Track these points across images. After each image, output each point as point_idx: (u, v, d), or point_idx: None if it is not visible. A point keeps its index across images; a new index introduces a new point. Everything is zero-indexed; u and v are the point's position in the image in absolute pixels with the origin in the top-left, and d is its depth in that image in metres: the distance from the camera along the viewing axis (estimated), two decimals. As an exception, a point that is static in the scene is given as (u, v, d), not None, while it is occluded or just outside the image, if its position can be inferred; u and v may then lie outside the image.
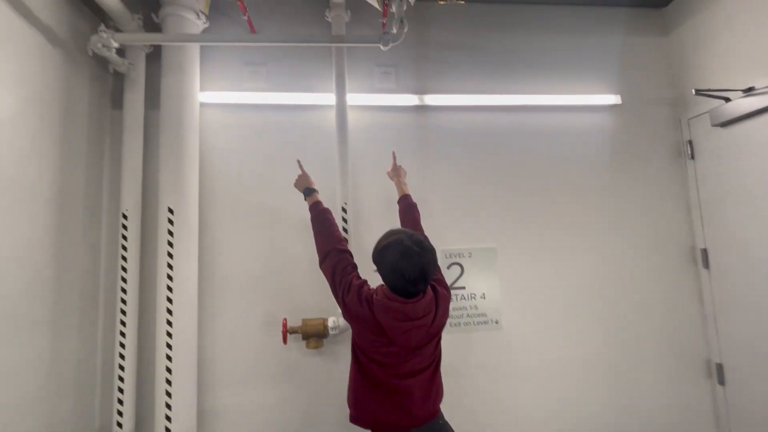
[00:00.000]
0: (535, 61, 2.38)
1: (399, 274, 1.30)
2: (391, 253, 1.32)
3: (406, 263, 1.29)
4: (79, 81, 1.86)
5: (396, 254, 1.30)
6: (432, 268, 1.35)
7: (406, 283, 1.31)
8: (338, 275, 1.46)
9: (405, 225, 1.76)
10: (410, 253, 1.30)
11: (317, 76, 2.21)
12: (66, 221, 1.74)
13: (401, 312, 1.33)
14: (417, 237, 1.35)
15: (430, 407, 1.44)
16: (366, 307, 1.36)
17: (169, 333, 1.79)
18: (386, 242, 1.35)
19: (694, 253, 2.33)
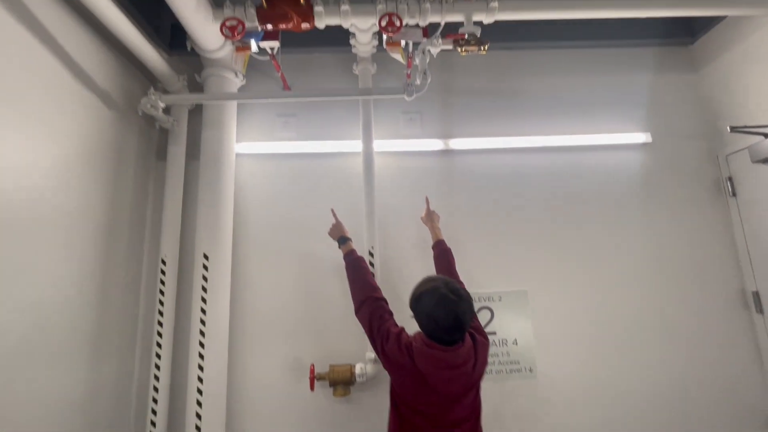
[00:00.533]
0: (561, 102, 2.39)
1: (434, 322, 1.30)
2: (426, 300, 1.32)
3: (442, 311, 1.29)
4: (129, 137, 2.03)
5: (432, 302, 1.30)
6: (468, 317, 1.32)
7: (442, 332, 1.30)
8: (375, 323, 1.46)
9: (440, 271, 1.77)
10: (446, 301, 1.29)
11: (345, 124, 2.31)
12: (110, 265, 1.85)
13: (442, 360, 1.31)
14: (453, 285, 1.34)
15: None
16: (406, 355, 1.34)
17: (200, 378, 1.83)
18: (422, 289, 1.35)
19: (745, 296, 2.17)
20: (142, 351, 2.02)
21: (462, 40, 1.85)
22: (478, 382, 1.43)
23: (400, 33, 1.87)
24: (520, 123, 2.35)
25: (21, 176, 1.43)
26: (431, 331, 1.32)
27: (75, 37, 1.70)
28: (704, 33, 2.39)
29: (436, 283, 1.35)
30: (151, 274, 2.09)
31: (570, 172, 2.30)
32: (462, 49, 1.86)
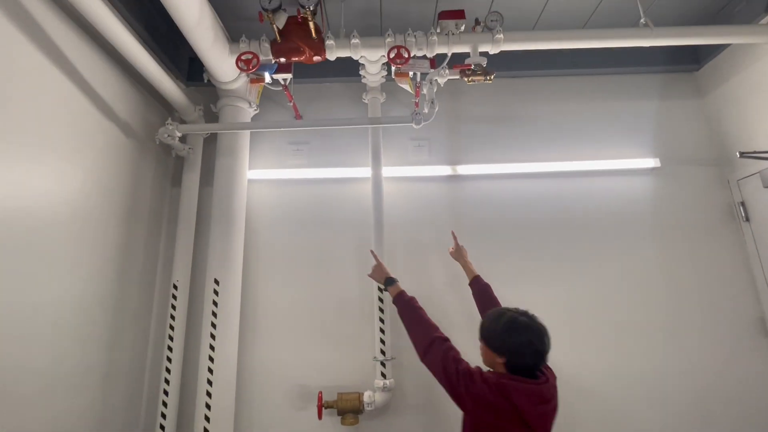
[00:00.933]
0: (568, 129, 2.42)
1: (532, 353, 1.25)
2: (522, 331, 1.26)
3: (540, 341, 1.26)
4: (146, 164, 2.10)
5: (529, 333, 1.26)
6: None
7: (533, 364, 1.26)
8: (451, 366, 1.33)
9: (486, 307, 1.73)
10: (541, 331, 1.27)
11: (355, 151, 2.35)
12: (123, 288, 1.89)
13: (538, 394, 1.23)
14: (530, 313, 1.33)
15: None
16: (499, 395, 1.22)
17: (208, 405, 1.81)
18: (510, 321, 1.28)
19: (764, 324, 2.11)
20: (151, 375, 2.03)
21: (468, 70, 1.91)
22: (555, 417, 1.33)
23: (408, 64, 1.93)
24: (527, 149, 2.38)
25: (43, 203, 1.48)
26: (524, 364, 1.25)
27: (97, 70, 1.79)
28: (709, 60, 2.42)
29: (519, 314, 1.31)
30: (162, 298, 2.12)
31: (578, 198, 2.30)
32: (468, 79, 1.91)
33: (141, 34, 1.88)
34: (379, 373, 1.94)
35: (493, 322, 1.32)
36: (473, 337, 2.03)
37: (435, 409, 1.99)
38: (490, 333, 1.31)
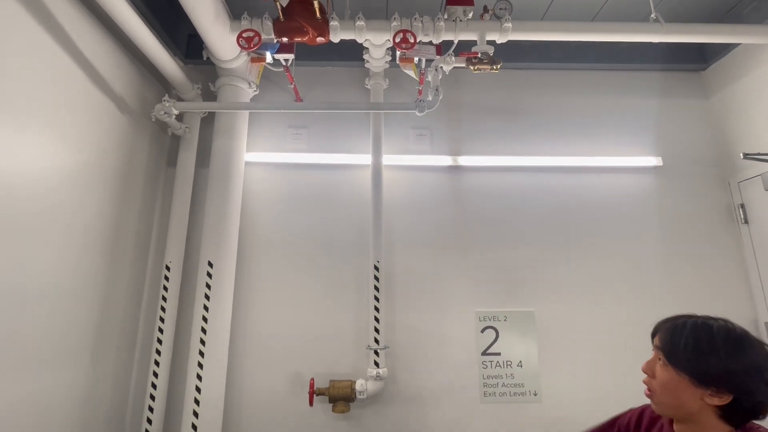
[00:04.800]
0: (571, 123, 2.39)
1: (765, 384, 0.82)
2: (749, 350, 0.83)
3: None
4: (141, 142, 2.05)
5: (755, 351, 0.84)
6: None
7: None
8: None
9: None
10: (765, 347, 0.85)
11: (355, 138, 2.32)
12: (115, 267, 1.85)
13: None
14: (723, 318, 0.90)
15: None
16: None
17: (198, 388, 1.79)
18: (732, 334, 0.85)
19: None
20: (141, 354, 2.00)
21: (475, 59, 1.87)
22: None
23: (414, 50, 1.89)
24: (530, 142, 2.35)
25: (35, 177, 1.43)
26: (752, 406, 0.83)
27: (92, 41, 1.73)
28: (717, 60, 2.39)
29: (723, 321, 0.88)
30: (154, 278, 2.08)
31: (580, 194, 2.29)
32: (474, 68, 1.88)
33: (139, 7, 1.82)
34: (372, 361, 1.93)
35: (702, 338, 0.85)
36: (467, 319, 2.05)
37: (427, 399, 1.98)
38: (701, 356, 0.84)
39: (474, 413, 1.98)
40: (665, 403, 0.90)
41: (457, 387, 2.00)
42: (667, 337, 0.91)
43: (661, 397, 0.90)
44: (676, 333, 0.90)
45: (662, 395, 0.89)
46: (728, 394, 0.82)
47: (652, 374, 0.92)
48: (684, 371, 0.85)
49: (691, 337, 0.87)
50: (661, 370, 0.90)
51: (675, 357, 0.87)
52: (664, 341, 0.91)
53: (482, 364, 2.04)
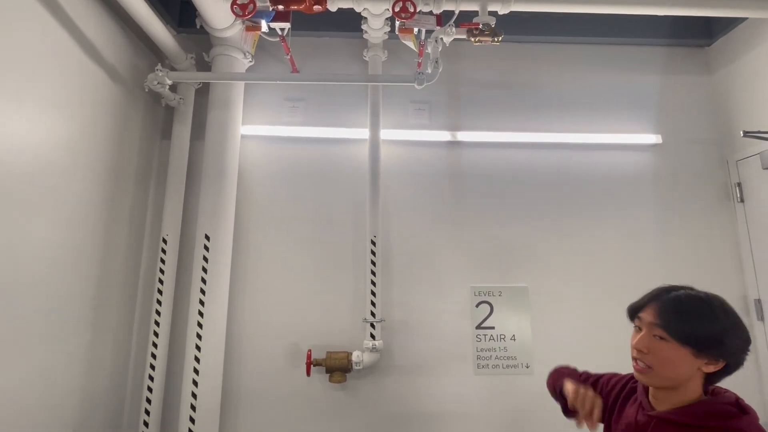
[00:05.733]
0: (571, 99, 2.36)
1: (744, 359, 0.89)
2: (741, 323, 0.89)
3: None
4: (134, 113, 2.01)
5: (743, 324, 0.90)
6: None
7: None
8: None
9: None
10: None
11: (353, 111, 2.28)
12: (112, 239, 1.85)
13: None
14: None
15: None
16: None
17: (197, 358, 1.83)
18: (727, 308, 0.90)
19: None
20: (139, 327, 2.02)
21: (476, 30, 1.82)
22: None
23: (414, 20, 1.83)
24: (529, 118, 2.32)
25: (28, 148, 1.41)
26: (730, 372, 0.90)
27: (83, 8, 1.67)
28: (723, 35, 2.34)
29: (714, 296, 0.92)
30: (151, 252, 2.08)
31: (577, 171, 2.28)
32: (475, 39, 1.83)
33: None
34: (368, 334, 1.97)
35: (702, 310, 0.89)
36: (463, 294, 2.07)
37: (421, 370, 2.03)
38: (703, 327, 0.87)
39: (467, 384, 2.03)
40: (663, 375, 0.90)
41: (452, 359, 2.05)
42: (666, 311, 0.91)
43: (660, 371, 0.90)
44: (676, 307, 0.91)
45: (662, 369, 0.90)
46: (723, 361, 0.87)
47: (648, 350, 0.92)
48: (687, 343, 0.87)
49: (693, 310, 0.89)
50: (659, 345, 0.90)
51: (678, 331, 0.88)
52: (664, 316, 0.91)
53: (476, 338, 2.08)
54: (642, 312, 0.96)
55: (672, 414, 0.91)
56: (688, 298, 0.91)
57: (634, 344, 0.95)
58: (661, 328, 0.90)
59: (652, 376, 0.92)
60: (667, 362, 0.89)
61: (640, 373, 0.94)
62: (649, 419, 0.95)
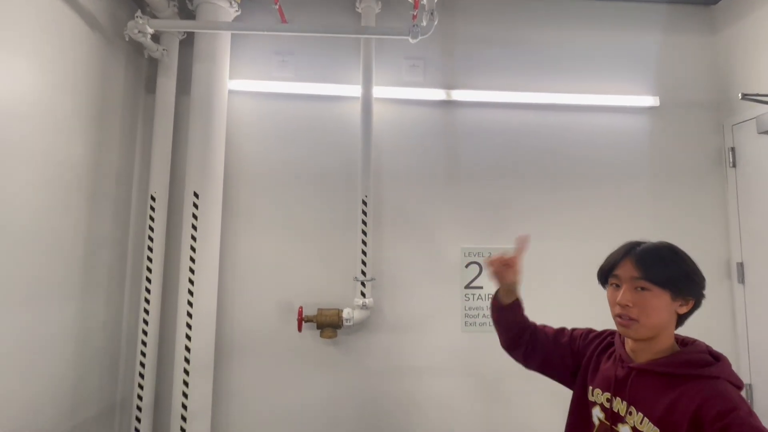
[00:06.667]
0: (569, 58, 2.29)
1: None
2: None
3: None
4: (115, 65, 1.92)
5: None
6: None
7: None
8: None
9: (510, 328, 1.33)
10: None
11: (344, 67, 2.20)
12: (98, 198, 1.81)
13: None
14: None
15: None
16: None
17: (189, 313, 1.85)
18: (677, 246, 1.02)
19: (729, 266, 2.21)
20: (131, 287, 2.03)
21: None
22: None
23: (409, -34, 1.73)
24: (526, 77, 2.26)
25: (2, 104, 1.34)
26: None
27: (53, -54, 1.55)
28: (730, -9, 2.25)
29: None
30: (140, 210, 2.06)
31: (572, 132, 2.25)
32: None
33: None
34: (359, 292, 2.00)
35: (672, 255, 0.98)
36: (453, 254, 2.10)
37: (410, 327, 2.09)
38: (676, 270, 0.95)
39: (454, 340, 2.10)
40: (648, 325, 0.95)
41: (440, 317, 2.10)
42: (644, 262, 0.97)
43: (645, 321, 0.95)
44: (651, 256, 0.97)
45: (647, 318, 0.94)
46: (692, 300, 0.97)
47: (633, 303, 0.95)
48: (666, 287, 0.94)
49: (664, 256, 0.97)
50: (642, 295, 0.95)
51: (658, 276, 0.94)
52: (643, 267, 0.96)
53: (465, 297, 2.12)
54: (617, 269, 1.01)
55: (651, 365, 0.96)
56: (656, 247, 1.00)
57: (618, 300, 0.98)
58: (643, 278, 0.95)
59: (638, 328, 0.95)
60: (652, 310, 0.94)
61: (626, 327, 0.97)
62: (629, 371, 0.99)
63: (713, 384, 0.89)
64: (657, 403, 0.92)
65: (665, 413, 0.90)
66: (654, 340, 0.97)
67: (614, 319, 1.00)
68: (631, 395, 0.97)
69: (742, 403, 0.85)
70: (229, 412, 2.00)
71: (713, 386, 0.88)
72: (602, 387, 1.04)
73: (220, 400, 1.99)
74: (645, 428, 0.92)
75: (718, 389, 0.88)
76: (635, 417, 0.95)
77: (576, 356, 1.16)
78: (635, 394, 0.96)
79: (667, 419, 0.89)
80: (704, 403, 0.85)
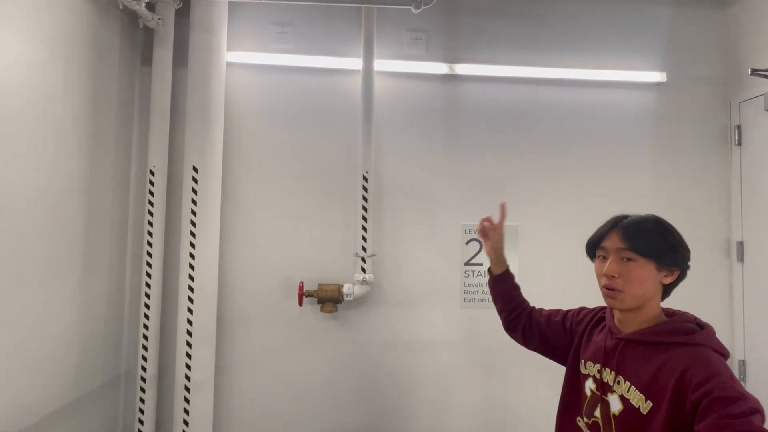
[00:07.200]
0: (576, 32, 2.23)
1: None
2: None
3: None
4: (110, 34, 1.87)
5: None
6: None
7: None
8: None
9: (506, 301, 1.40)
10: None
11: (345, 39, 2.15)
12: (96, 173, 1.80)
13: None
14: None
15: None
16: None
17: (190, 287, 1.87)
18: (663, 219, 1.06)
19: (729, 245, 2.21)
20: (132, 261, 2.04)
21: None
22: None
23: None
24: (530, 50, 2.20)
25: (-8, 64, 1.31)
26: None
27: None
28: (744, -38, 2.18)
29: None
30: (139, 184, 2.04)
31: (577, 109, 2.21)
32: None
33: None
34: (359, 267, 2.01)
35: (657, 226, 1.01)
36: (453, 231, 2.10)
37: (410, 303, 2.11)
38: (661, 240, 0.98)
39: (454, 316, 2.12)
40: (633, 294, 0.97)
41: (440, 293, 2.12)
42: (629, 234, 0.99)
43: (630, 290, 0.96)
44: (637, 228, 1.00)
45: (632, 288, 0.96)
46: (677, 270, 0.99)
47: (618, 274, 0.97)
48: (651, 258, 0.96)
49: (650, 228, 1.00)
50: (628, 266, 0.97)
51: (643, 247, 0.96)
52: (628, 238, 0.98)
53: (464, 273, 2.13)
54: (604, 242, 1.03)
55: (639, 334, 0.98)
56: (642, 220, 1.02)
57: (604, 272, 1.00)
58: (628, 249, 0.97)
59: (623, 298, 0.97)
60: (636, 280, 0.96)
61: (612, 298, 1.00)
62: (618, 341, 1.02)
63: (697, 351, 0.91)
64: (643, 371, 0.94)
65: (651, 381, 0.92)
66: (640, 310, 0.99)
67: (601, 290, 1.03)
68: (619, 365, 0.99)
69: (724, 369, 0.87)
70: (231, 384, 2.04)
71: (697, 353, 0.90)
72: (594, 359, 1.07)
73: (222, 372, 2.02)
74: (632, 396, 0.95)
75: (701, 356, 0.90)
76: (623, 386, 0.97)
77: (569, 333, 1.20)
78: (623, 364, 0.99)
79: (653, 386, 0.92)
80: (687, 369, 0.87)
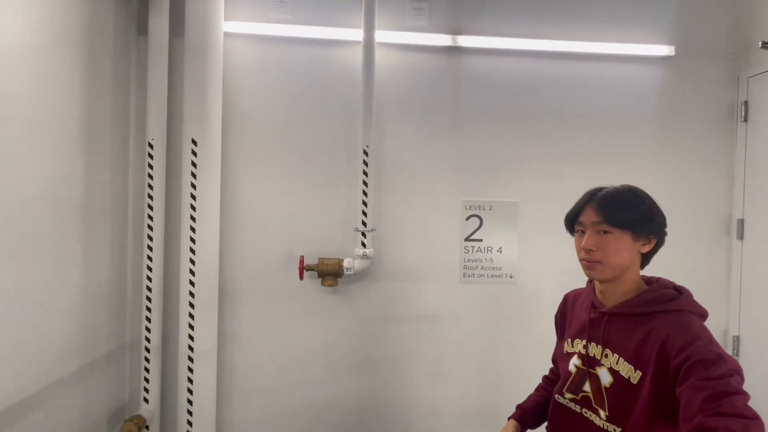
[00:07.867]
0: (581, 3, 2.17)
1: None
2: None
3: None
4: (104, 2, 1.82)
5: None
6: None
7: None
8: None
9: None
10: None
11: (345, 9, 2.08)
12: (94, 145, 1.78)
13: None
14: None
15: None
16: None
17: (192, 260, 1.88)
18: (639, 188, 1.07)
19: (729, 223, 2.21)
20: (134, 233, 2.04)
21: None
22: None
23: None
24: (536, 21, 2.14)
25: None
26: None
27: None
28: (761, -72, 2.09)
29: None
30: (139, 155, 2.03)
31: (582, 83, 2.17)
32: None
33: None
34: (359, 242, 2.01)
35: (632, 196, 1.02)
36: (454, 206, 2.10)
37: (410, 278, 2.13)
38: (636, 210, 1.00)
39: (453, 291, 2.14)
40: (612, 265, 0.99)
41: (439, 268, 2.14)
42: (604, 206, 1.00)
43: (609, 261, 0.99)
44: (611, 200, 1.01)
45: (610, 259, 0.99)
46: (654, 238, 1.02)
47: (596, 247, 0.99)
48: (626, 228, 0.98)
49: (623, 199, 1.01)
50: (605, 238, 0.99)
51: (618, 219, 0.98)
52: (603, 211, 0.99)
53: (464, 249, 2.14)
54: (581, 216, 1.05)
55: (621, 307, 1.02)
56: (616, 191, 1.03)
57: (582, 245, 1.02)
58: (604, 222, 0.99)
59: (602, 269, 1.00)
60: (614, 251, 0.98)
61: (591, 270, 1.03)
62: (602, 315, 1.05)
63: (677, 317, 0.95)
64: (629, 342, 0.97)
65: (637, 350, 0.95)
66: (619, 280, 1.02)
67: (581, 263, 1.05)
68: (605, 338, 1.02)
69: (703, 332, 0.91)
70: (234, 354, 2.08)
71: (677, 319, 0.95)
72: (579, 336, 1.10)
73: (225, 343, 2.06)
74: (621, 367, 0.98)
75: (681, 322, 0.94)
76: (611, 358, 1.00)
77: (560, 331, 1.27)
78: (608, 337, 1.02)
79: (639, 356, 0.95)
80: (669, 336, 0.91)
